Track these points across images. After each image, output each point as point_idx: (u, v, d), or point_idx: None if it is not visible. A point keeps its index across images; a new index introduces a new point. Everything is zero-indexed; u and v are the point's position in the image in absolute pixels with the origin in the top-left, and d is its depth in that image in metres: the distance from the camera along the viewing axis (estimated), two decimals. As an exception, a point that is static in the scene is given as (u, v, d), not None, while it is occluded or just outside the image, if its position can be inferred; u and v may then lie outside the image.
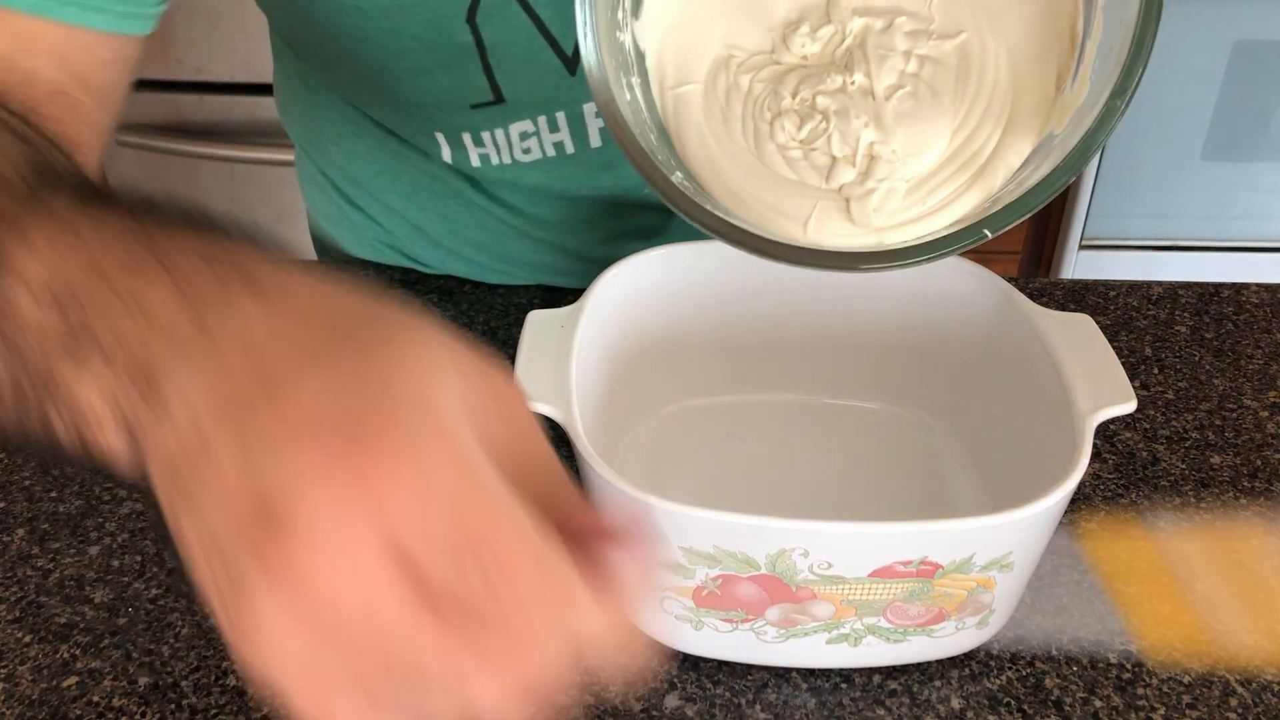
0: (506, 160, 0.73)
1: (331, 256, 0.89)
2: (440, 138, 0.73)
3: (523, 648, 0.27)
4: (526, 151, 0.73)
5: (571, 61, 0.67)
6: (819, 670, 0.55)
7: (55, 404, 0.33)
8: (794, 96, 0.49)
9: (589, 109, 0.71)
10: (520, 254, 0.82)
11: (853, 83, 0.49)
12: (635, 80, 0.50)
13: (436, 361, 0.29)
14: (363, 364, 0.28)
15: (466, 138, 0.73)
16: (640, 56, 0.51)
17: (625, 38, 0.50)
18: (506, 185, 0.77)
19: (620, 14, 0.50)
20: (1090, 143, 0.45)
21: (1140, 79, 0.44)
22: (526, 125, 0.72)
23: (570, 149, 0.73)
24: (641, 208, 0.78)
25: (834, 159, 0.49)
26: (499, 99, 0.69)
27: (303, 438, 0.27)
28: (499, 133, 0.72)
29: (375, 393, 0.27)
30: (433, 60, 0.66)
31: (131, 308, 0.31)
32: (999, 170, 0.48)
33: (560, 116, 0.71)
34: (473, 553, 0.26)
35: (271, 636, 0.26)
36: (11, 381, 0.34)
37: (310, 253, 0.92)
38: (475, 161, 0.74)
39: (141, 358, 0.30)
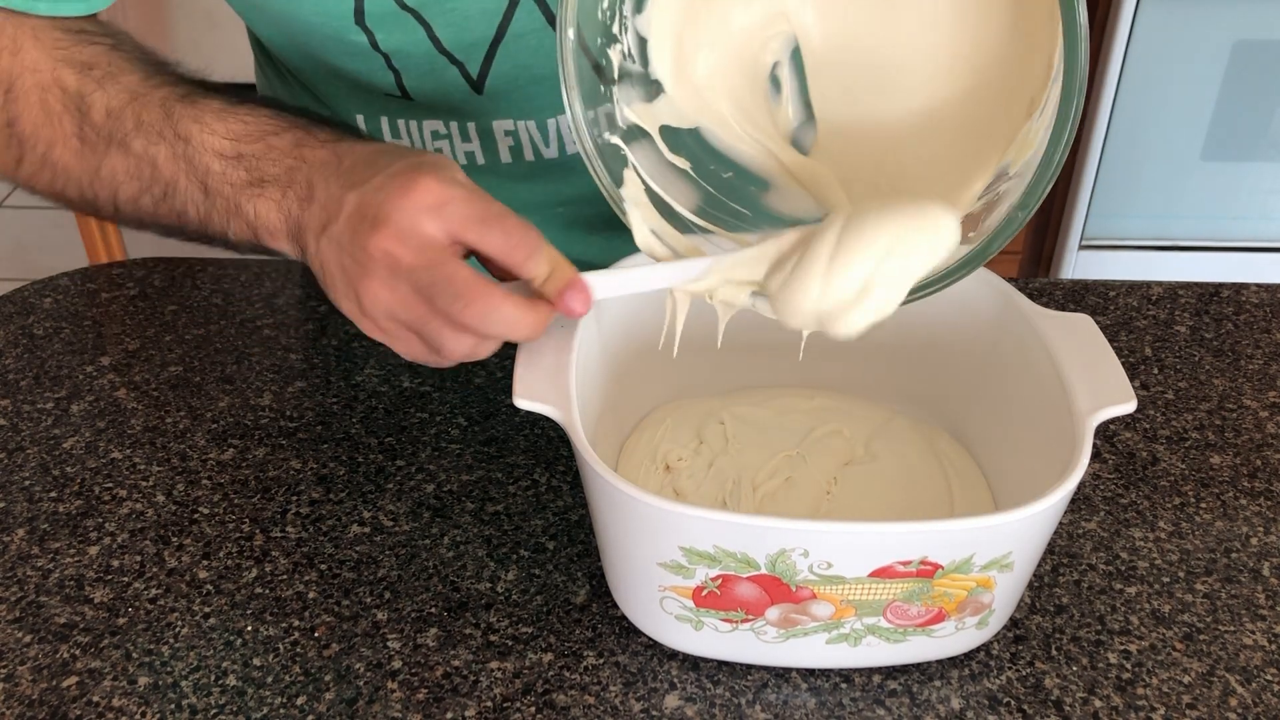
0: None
1: None
2: (360, 120, 0.74)
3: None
4: (439, 153, 0.73)
5: (478, 84, 0.68)
6: (819, 670, 0.55)
7: (236, 222, 0.57)
8: None
9: (499, 126, 0.71)
10: None
11: None
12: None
13: (446, 161, 0.53)
14: (417, 159, 0.52)
15: (384, 122, 0.73)
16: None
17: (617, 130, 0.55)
18: None
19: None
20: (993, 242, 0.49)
21: (1044, 194, 0.48)
22: (438, 125, 0.72)
23: (481, 160, 0.73)
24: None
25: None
26: (405, 95, 0.70)
27: (388, 182, 0.50)
28: (412, 124, 0.72)
29: (426, 159, 0.52)
30: (337, 49, 0.66)
31: (294, 156, 0.55)
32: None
33: (471, 127, 0.72)
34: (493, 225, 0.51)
35: (373, 284, 0.50)
36: (203, 212, 0.58)
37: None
38: None
39: (304, 182, 0.54)
